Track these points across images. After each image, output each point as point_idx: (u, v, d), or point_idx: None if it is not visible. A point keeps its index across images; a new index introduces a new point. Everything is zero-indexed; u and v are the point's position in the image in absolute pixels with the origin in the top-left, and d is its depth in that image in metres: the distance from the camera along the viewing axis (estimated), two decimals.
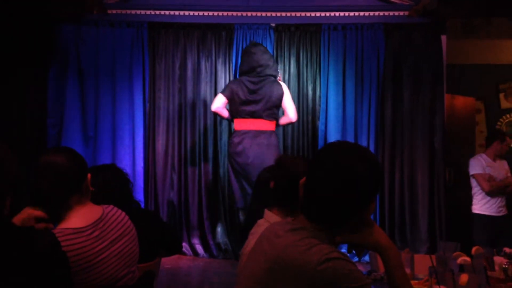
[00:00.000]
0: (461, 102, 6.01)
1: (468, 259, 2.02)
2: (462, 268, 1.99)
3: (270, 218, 2.08)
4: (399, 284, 1.38)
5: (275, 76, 4.66)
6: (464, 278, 1.71)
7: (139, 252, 2.06)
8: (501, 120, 6.33)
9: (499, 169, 4.69)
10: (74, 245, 1.77)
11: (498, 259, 2.01)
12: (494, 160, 4.70)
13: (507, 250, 2.12)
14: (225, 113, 4.62)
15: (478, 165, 4.66)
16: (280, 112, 4.68)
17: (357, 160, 1.35)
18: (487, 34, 5.64)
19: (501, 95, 6.42)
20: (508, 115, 6.39)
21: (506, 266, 1.89)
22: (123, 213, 2.04)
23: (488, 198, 4.58)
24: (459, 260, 2.04)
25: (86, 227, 1.84)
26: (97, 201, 1.99)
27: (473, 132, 6.24)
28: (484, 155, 4.74)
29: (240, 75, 4.70)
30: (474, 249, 2.27)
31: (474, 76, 6.19)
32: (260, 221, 2.12)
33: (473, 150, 6.01)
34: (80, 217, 1.86)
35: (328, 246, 1.33)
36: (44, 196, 1.84)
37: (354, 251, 1.45)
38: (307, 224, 1.39)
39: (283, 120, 4.66)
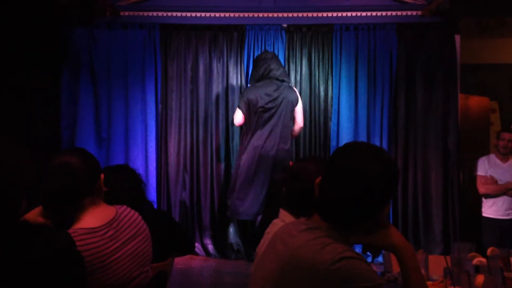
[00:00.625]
0: (475, 102, 5.95)
1: (483, 260, 1.99)
2: (477, 269, 1.96)
3: (285, 217, 2.09)
4: (415, 285, 1.36)
5: (289, 83, 4.71)
6: (480, 279, 1.69)
7: (152, 252, 2.07)
8: None
9: (507, 170, 4.49)
10: (88, 245, 1.78)
11: None
12: (502, 160, 4.54)
13: None
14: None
15: (481, 166, 4.55)
16: None
17: (373, 161, 1.34)
18: (501, 33, 5.57)
19: None
20: None
21: None
22: (136, 213, 2.05)
23: (493, 200, 4.44)
24: (475, 261, 2.02)
25: (100, 227, 1.85)
26: (110, 202, 2.01)
27: (488, 132, 6.16)
28: (492, 156, 4.62)
29: (254, 80, 4.67)
30: (489, 250, 2.23)
31: (488, 76, 6.11)
32: (276, 221, 2.13)
33: (487, 150, 5.93)
34: (94, 217, 1.87)
35: (342, 245, 1.32)
36: (57, 197, 1.86)
37: (368, 252, 1.43)
38: (321, 223, 1.38)
39: (296, 128, 4.72)
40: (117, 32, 5.11)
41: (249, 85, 4.83)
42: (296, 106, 4.63)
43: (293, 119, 4.68)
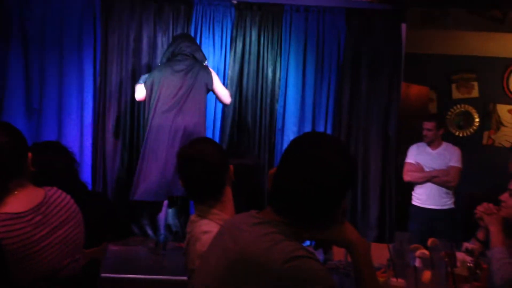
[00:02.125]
0: (416, 91, 6.10)
1: (426, 252, 2.00)
2: (420, 261, 1.97)
3: (199, 211, 1.94)
4: (367, 281, 1.32)
5: (204, 62, 4.48)
6: (427, 275, 1.68)
7: (84, 237, 1.92)
8: (451, 110, 6.48)
9: (436, 157, 4.45)
10: (11, 232, 1.61)
11: (459, 255, 2.01)
12: (432, 147, 4.49)
13: (468, 246, 2.10)
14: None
15: (409, 153, 4.55)
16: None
17: (334, 154, 1.27)
18: (445, 24, 5.71)
19: (453, 86, 6.57)
20: (458, 106, 6.55)
21: (471, 264, 1.87)
22: (68, 196, 1.89)
23: (423, 189, 4.43)
24: (418, 253, 2.02)
25: (26, 212, 1.68)
26: (39, 183, 1.82)
27: None
28: (423, 143, 4.57)
29: (165, 58, 4.41)
30: (430, 240, 2.26)
31: (429, 66, 6.28)
32: (192, 216, 1.98)
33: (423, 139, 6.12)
34: (20, 200, 1.69)
35: (294, 243, 1.24)
36: None
37: (320, 248, 1.37)
38: (273, 217, 1.29)
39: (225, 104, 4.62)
40: None
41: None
42: (212, 86, 4.36)
43: (218, 98, 4.49)
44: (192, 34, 4.83)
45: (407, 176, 4.50)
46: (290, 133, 4.89)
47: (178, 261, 3.86)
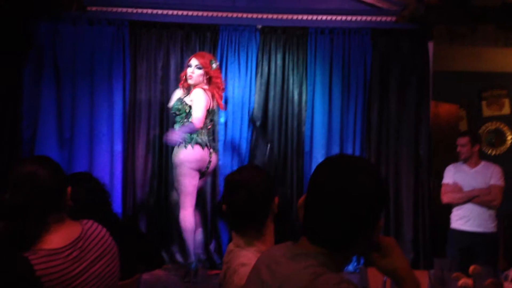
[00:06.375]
0: (445, 109, 5.99)
1: (469, 281, 1.92)
2: None
3: (238, 241, 1.86)
4: None
5: None
6: None
7: (119, 272, 1.91)
8: (482, 128, 6.34)
9: (474, 176, 4.19)
10: (50, 268, 1.61)
11: (505, 284, 1.91)
12: (470, 166, 4.24)
13: (510, 274, 2.00)
14: None
15: (446, 174, 4.30)
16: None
17: (364, 175, 1.24)
18: (472, 41, 5.62)
19: (484, 103, 6.44)
20: (489, 124, 6.41)
21: None
22: (104, 230, 1.89)
23: (462, 211, 4.16)
24: (461, 282, 1.94)
25: (64, 247, 1.68)
26: (73, 216, 1.83)
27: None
28: (460, 162, 4.33)
29: None
30: (471, 268, 2.17)
31: (458, 84, 6.18)
32: (230, 246, 1.91)
33: (456, 158, 5.99)
34: (58, 236, 1.70)
35: (336, 275, 1.20)
36: (20, 212, 1.67)
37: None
38: (310, 248, 1.26)
39: None
40: (84, 28, 4.83)
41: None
42: None
43: None
44: (218, 60, 4.85)
45: (445, 198, 4.21)
46: (318, 156, 4.84)
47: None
